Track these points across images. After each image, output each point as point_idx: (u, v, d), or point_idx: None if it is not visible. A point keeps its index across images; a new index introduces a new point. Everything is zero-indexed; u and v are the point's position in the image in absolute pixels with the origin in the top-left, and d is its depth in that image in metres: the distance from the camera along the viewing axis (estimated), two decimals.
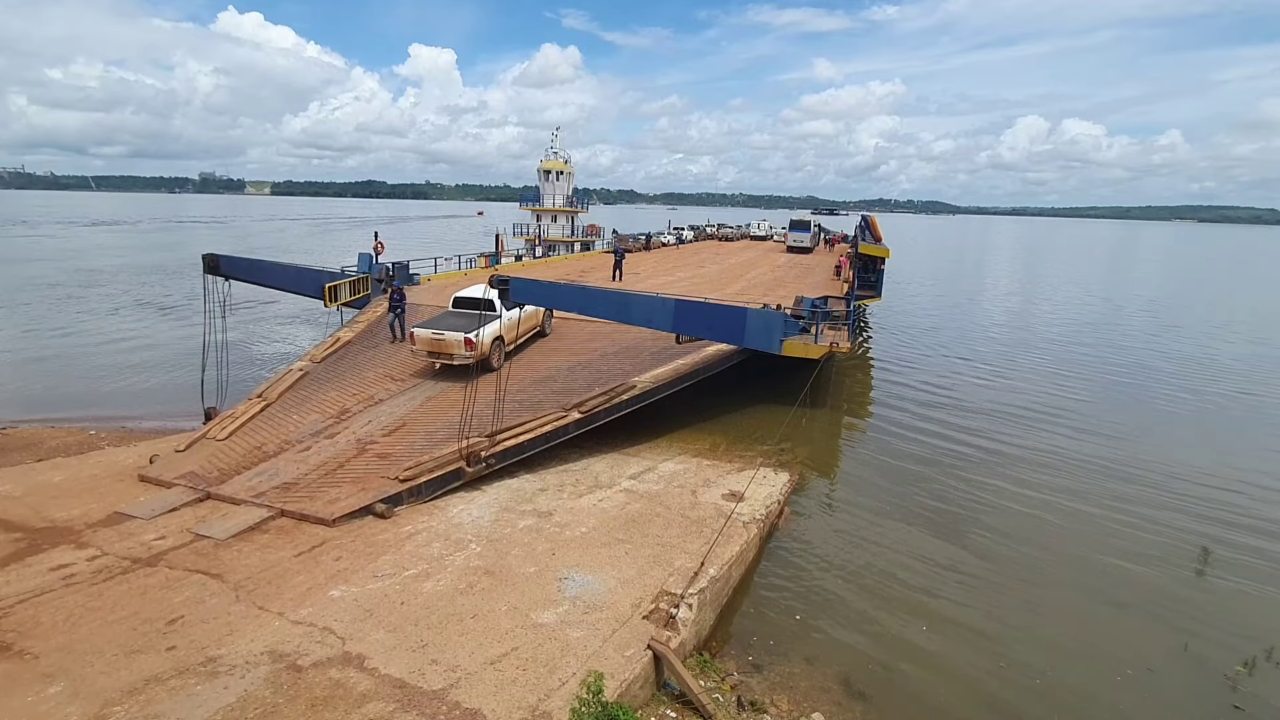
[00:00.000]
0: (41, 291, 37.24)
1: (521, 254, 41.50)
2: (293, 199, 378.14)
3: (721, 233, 67.74)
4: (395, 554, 9.33)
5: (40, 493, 11.05)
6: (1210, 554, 11.35)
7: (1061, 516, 12.70)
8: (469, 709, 6.40)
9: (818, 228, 59.04)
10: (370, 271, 23.85)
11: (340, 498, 10.83)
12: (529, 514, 10.83)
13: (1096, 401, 21.06)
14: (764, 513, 11.36)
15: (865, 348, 28.20)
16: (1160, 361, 27.07)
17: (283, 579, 8.63)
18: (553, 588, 8.63)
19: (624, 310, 16.62)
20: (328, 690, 6.59)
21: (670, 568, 9.25)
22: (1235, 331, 35.18)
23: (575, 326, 19.98)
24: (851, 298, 23.31)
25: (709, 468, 13.41)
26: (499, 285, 13.19)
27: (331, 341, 19.33)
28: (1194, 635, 9.18)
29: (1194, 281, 66.46)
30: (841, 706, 7.66)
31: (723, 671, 8.02)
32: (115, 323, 29.69)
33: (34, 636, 7.38)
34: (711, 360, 17.22)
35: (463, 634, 7.57)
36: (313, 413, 14.58)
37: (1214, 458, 16.17)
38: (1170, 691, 8.20)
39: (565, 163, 49.44)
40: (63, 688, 6.59)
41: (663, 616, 8.08)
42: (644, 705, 7.11)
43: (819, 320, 17.78)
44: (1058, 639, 9.02)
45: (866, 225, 34.00)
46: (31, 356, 23.46)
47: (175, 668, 6.89)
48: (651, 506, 11.31)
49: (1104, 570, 10.86)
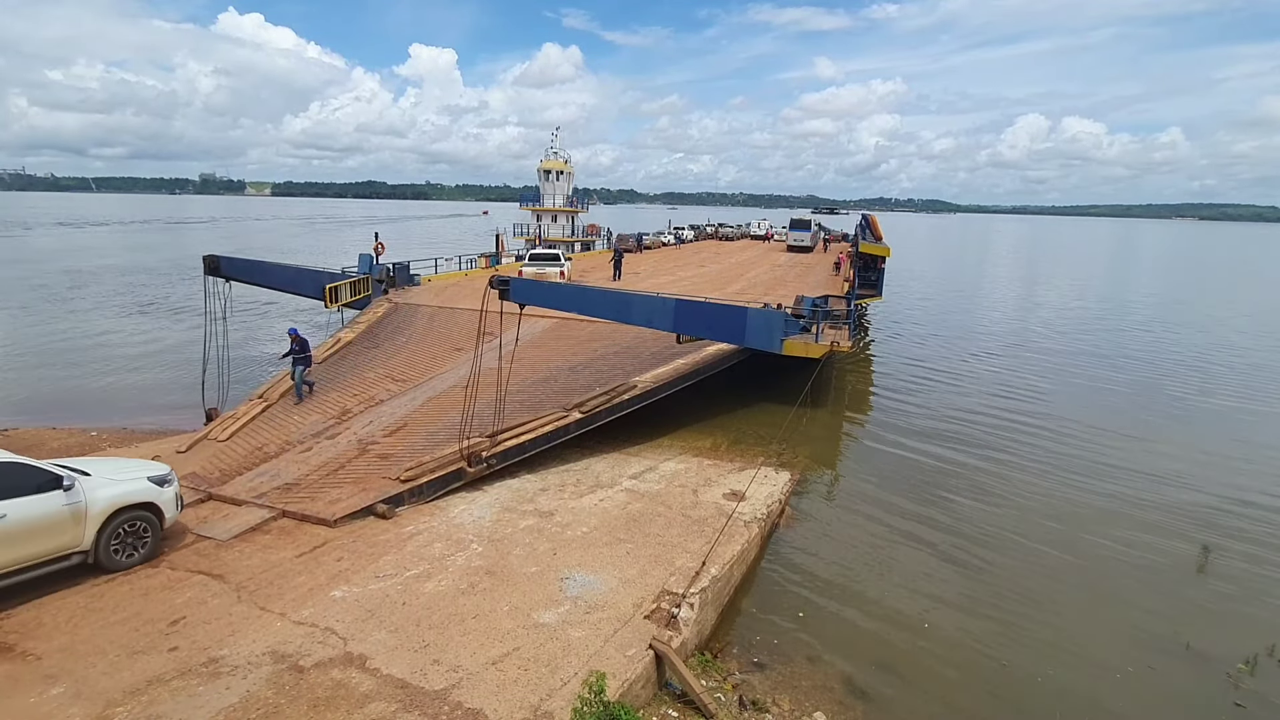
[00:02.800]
0: (41, 293, 37.29)
1: (522, 254, 41.50)
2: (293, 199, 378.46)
3: (721, 232, 67.77)
4: (397, 554, 9.33)
5: None
6: (1211, 552, 11.34)
7: (1062, 515, 12.69)
8: (471, 709, 6.40)
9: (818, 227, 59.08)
10: (371, 272, 23.89)
11: (341, 498, 10.83)
12: (530, 514, 10.83)
13: (1098, 401, 21.06)
14: (765, 512, 11.36)
15: (866, 346, 28.21)
16: (1162, 360, 27.05)
17: (284, 579, 8.63)
18: (554, 588, 8.63)
19: (624, 310, 16.61)
20: (330, 691, 6.59)
21: (672, 567, 9.25)
22: (1236, 332, 35.15)
23: (576, 326, 19.98)
24: (852, 297, 23.30)
25: (710, 467, 13.41)
26: (499, 285, 13.19)
27: (332, 342, 19.38)
28: (1195, 633, 9.16)
29: (1195, 280, 66.43)
30: (844, 706, 7.65)
31: (724, 671, 8.02)
32: (116, 324, 29.71)
33: (36, 637, 7.39)
34: (712, 360, 17.23)
35: (464, 634, 7.58)
36: (314, 413, 14.60)
37: (1215, 457, 16.16)
38: (1172, 690, 8.19)
39: (565, 162, 49.46)
40: (65, 689, 6.59)
41: (664, 616, 8.08)
42: (646, 705, 7.10)
43: (819, 319, 17.77)
44: (1059, 637, 9.01)
45: (867, 224, 33.99)
46: (33, 358, 23.47)
47: (177, 668, 6.89)
48: (653, 506, 11.31)
49: (1105, 569, 10.85)
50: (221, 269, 17.42)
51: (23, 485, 7.90)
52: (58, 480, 8.11)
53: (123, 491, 8.69)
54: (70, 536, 8.20)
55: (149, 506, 8.91)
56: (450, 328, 20.25)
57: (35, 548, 7.92)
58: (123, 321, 30.30)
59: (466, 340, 17.98)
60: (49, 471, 8.14)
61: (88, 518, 8.32)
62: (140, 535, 8.84)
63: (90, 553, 8.43)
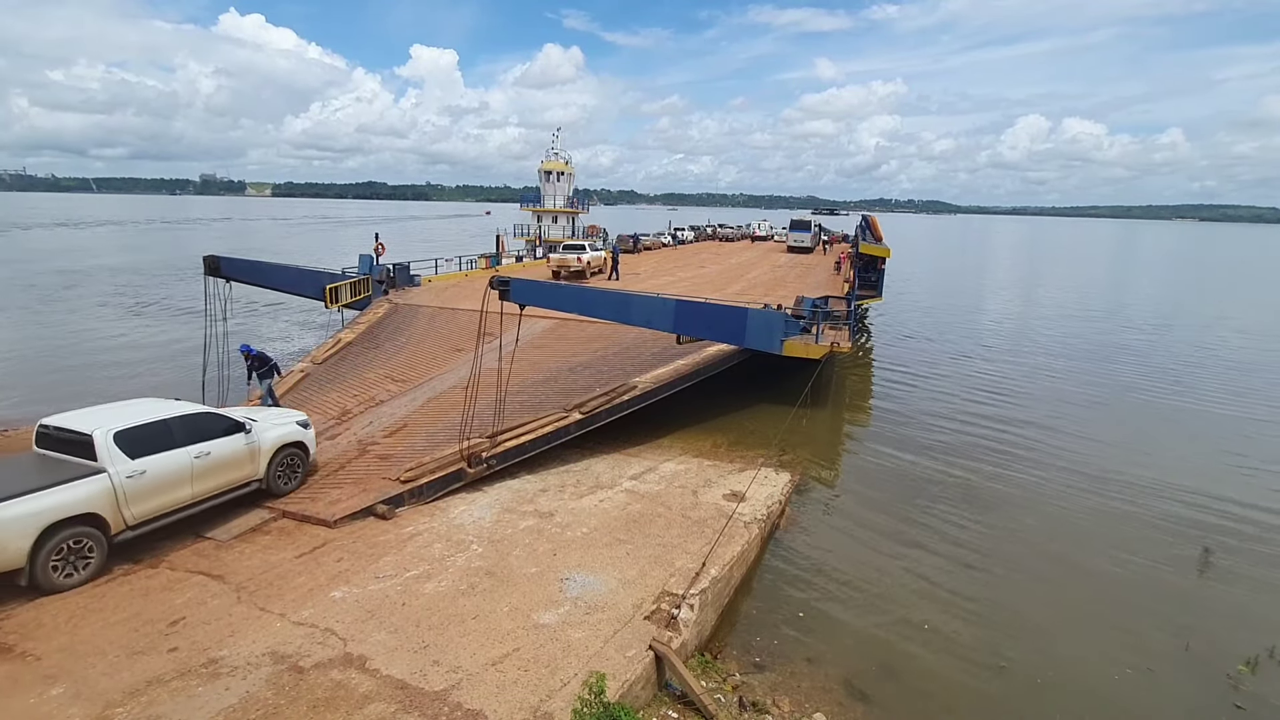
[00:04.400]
0: (41, 293, 37.30)
1: (522, 255, 41.54)
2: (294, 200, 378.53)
3: (721, 233, 67.71)
4: (397, 555, 9.33)
5: None
6: (1212, 553, 11.33)
7: (1063, 516, 12.69)
8: (471, 710, 6.40)
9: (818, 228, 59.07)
10: (371, 273, 23.89)
11: (341, 499, 10.83)
12: (530, 515, 10.83)
13: (1099, 401, 21.05)
14: (765, 513, 11.35)
15: (867, 347, 28.21)
16: (1163, 362, 27.04)
17: (284, 580, 8.63)
18: (554, 588, 8.63)
19: (624, 311, 16.61)
20: (329, 691, 6.59)
21: (672, 568, 9.24)
22: (1238, 332, 35.12)
23: (576, 327, 19.98)
24: (852, 297, 23.30)
25: (710, 468, 13.40)
26: (499, 286, 13.20)
27: (333, 343, 19.38)
28: (1195, 634, 9.15)
29: (1195, 281, 66.39)
30: (843, 707, 7.65)
31: (724, 672, 8.02)
32: (116, 325, 29.72)
33: (36, 638, 7.40)
34: (712, 360, 17.23)
35: (464, 635, 7.57)
36: (314, 414, 14.59)
37: (1217, 457, 16.16)
38: (1172, 691, 8.18)
39: (566, 163, 49.48)
40: (65, 689, 6.59)
41: (664, 617, 8.07)
42: (646, 706, 7.10)
43: (820, 320, 17.77)
44: (1059, 639, 9.00)
45: (867, 225, 34.02)
46: (33, 358, 23.49)
47: (177, 669, 6.89)
48: (653, 507, 11.30)
49: (1106, 570, 10.84)
50: (222, 269, 17.41)
51: (217, 429, 10.08)
52: (241, 425, 10.36)
53: (284, 433, 11.08)
54: (251, 469, 10.55)
55: (299, 445, 11.35)
56: (450, 328, 20.26)
57: (229, 477, 10.22)
58: (123, 322, 30.30)
59: (466, 341, 17.99)
60: (234, 419, 10.40)
61: (261, 454, 10.65)
62: (295, 467, 11.25)
63: (263, 480, 10.71)
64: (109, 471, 8.74)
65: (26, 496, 8.06)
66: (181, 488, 9.53)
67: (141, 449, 9.10)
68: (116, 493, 8.75)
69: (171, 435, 9.51)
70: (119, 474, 8.80)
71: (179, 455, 9.47)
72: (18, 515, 7.92)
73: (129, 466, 8.91)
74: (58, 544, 8.23)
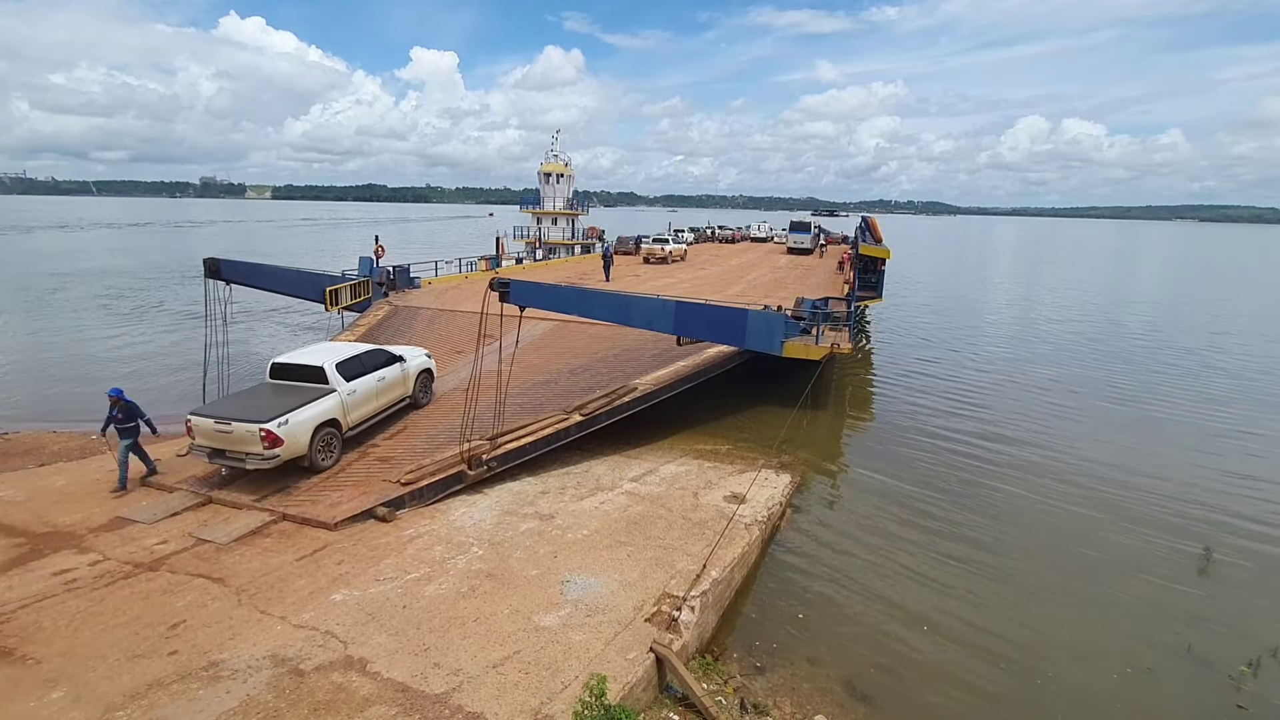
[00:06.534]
0: (40, 296, 37.30)
1: (522, 257, 41.55)
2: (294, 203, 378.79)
3: (721, 235, 67.66)
4: (397, 557, 9.32)
5: (42, 497, 11.08)
6: (1213, 554, 11.32)
7: (1064, 517, 12.69)
8: (472, 713, 6.39)
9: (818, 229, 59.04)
10: (371, 275, 23.89)
11: (342, 501, 10.82)
12: (531, 517, 10.83)
13: (1099, 402, 21.04)
14: (766, 515, 11.35)
15: (867, 348, 28.20)
16: (1163, 363, 27.05)
17: (285, 583, 8.63)
18: (555, 591, 8.62)
19: (625, 313, 16.60)
20: (330, 694, 6.58)
21: (672, 570, 9.24)
22: (1238, 333, 35.12)
23: (576, 329, 19.98)
24: (852, 299, 23.29)
25: (710, 470, 13.40)
26: (500, 288, 13.20)
27: None
28: (1197, 635, 9.15)
29: (1195, 282, 66.38)
30: (844, 709, 7.64)
31: (725, 674, 8.01)
32: (117, 327, 29.71)
33: (36, 641, 7.39)
34: (712, 362, 17.22)
35: (465, 637, 7.57)
36: None
37: (1217, 458, 16.14)
38: (1173, 692, 8.17)
39: (566, 165, 49.52)
40: (65, 693, 6.59)
41: (665, 619, 8.07)
42: (647, 708, 7.10)
43: (820, 321, 17.76)
44: (1060, 640, 9.00)
45: (867, 226, 33.99)
46: (33, 362, 23.48)
47: (177, 672, 6.89)
48: (653, 509, 11.30)
49: (1107, 571, 10.83)
50: (222, 272, 17.38)
51: (387, 360, 13.67)
52: (400, 357, 14.13)
53: (421, 363, 14.91)
54: (405, 389, 14.25)
55: (429, 371, 15.19)
56: (450, 330, 20.27)
57: (395, 394, 13.87)
58: (123, 326, 30.29)
59: (467, 343, 18.00)
60: (395, 353, 14.13)
61: (409, 378, 14.35)
62: (427, 386, 15.14)
63: (412, 398, 14.44)
64: (338, 390, 12.07)
65: (305, 406, 11.33)
66: (371, 402, 12.97)
67: (349, 374, 12.48)
68: (344, 404, 12.12)
69: (363, 365, 12.94)
70: (343, 391, 12.16)
71: (370, 379, 12.90)
72: (304, 419, 11.19)
73: (347, 387, 12.28)
74: (321, 439, 11.52)
